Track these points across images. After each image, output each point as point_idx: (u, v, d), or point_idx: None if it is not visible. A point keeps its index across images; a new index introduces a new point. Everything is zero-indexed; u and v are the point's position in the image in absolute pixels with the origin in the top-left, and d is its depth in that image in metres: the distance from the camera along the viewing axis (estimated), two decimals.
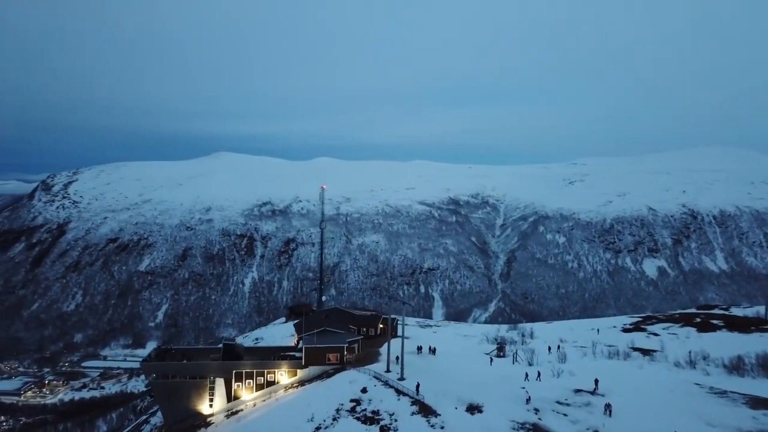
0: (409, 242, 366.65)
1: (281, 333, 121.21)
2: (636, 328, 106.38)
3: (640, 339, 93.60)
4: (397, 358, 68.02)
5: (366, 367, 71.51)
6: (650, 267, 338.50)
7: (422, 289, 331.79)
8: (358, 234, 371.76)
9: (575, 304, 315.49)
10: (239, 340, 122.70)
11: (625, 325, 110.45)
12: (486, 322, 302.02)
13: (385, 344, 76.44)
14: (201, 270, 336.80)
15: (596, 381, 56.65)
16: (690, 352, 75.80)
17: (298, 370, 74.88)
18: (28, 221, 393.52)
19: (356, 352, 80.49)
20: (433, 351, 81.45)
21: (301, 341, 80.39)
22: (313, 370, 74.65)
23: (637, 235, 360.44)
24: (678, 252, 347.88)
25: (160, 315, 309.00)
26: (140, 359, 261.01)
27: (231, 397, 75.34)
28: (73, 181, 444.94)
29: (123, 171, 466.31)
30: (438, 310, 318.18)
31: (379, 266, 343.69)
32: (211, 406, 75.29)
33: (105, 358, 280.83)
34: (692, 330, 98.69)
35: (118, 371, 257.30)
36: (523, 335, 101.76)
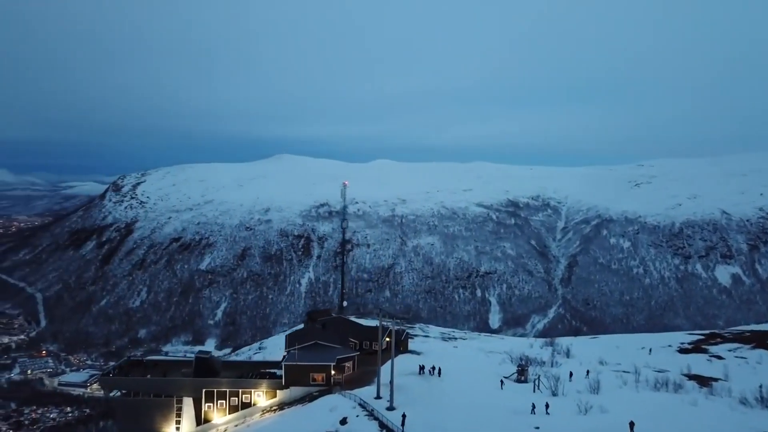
0: (466, 245, 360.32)
1: None
2: (695, 348, 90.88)
3: (698, 363, 78.09)
4: (392, 382, 58.05)
5: (355, 390, 61.72)
6: (723, 274, 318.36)
7: (479, 293, 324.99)
8: (413, 236, 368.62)
9: (640, 312, 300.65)
10: (255, 347, 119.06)
11: (682, 344, 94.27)
12: (545, 328, 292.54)
13: (390, 361, 65.35)
14: (259, 270, 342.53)
15: (631, 424, 44.37)
16: (761, 386, 58.48)
17: (278, 391, 65.14)
18: (99, 220, 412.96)
19: (352, 370, 69.94)
20: (438, 372, 70.07)
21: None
22: (296, 391, 64.88)
23: (708, 240, 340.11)
24: (754, 258, 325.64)
25: (219, 313, 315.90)
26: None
27: (201, 419, 65.58)
28: (141, 182, 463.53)
29: (187, 172, 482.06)
30: (495, 316, 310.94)
31: (434, 269, 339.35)
32: (177, 429, 65.40)
33: (166, 354, 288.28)
34: (766, 354, 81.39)
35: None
36: (555, 353, 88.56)
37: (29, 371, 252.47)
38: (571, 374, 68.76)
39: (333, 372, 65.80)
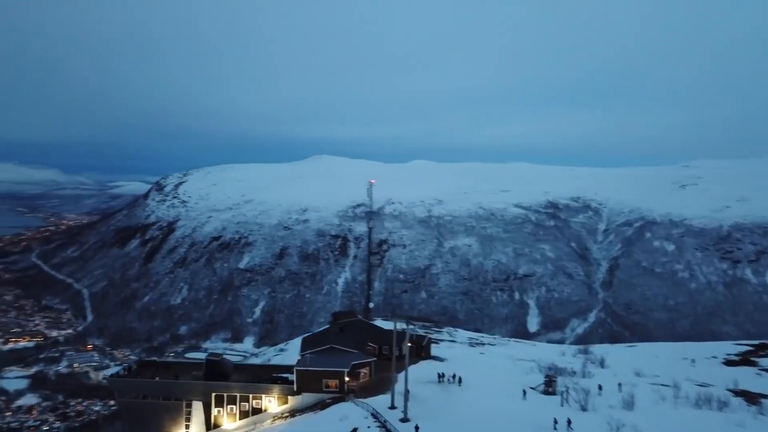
0: (504, 246, 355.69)
1: None
2: (743, 360, 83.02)
3: (747, 377, 71.47)
4: (408, 391, 54.85)
5: (370, 399, 58.70)
6: None
7: (517, 296, 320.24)
8: (449, 237, 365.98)
9: (686, 317, 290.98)
10: (276, 348, 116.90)
11: (729, 355, 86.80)
12: (584, 332, 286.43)
13: (412, 367, 62.07)
14: (297, 269, 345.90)
15: None
16: None
17: (289, 397, 62.38)
18: (143, 219, 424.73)
19: (369, 377, 66.29)
20: (458, 380, 65.94)
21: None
22: (308, 398, 61.91)
23: (759, 244, 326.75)
24: None
25: (257, 311, 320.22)
26: (240, 353, 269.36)
27: (210, 424, 63.40)
28: (183, 182, 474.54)
29: (228, 173, 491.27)
30: (533, 319, 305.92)
31: (471, 270, 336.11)
32: None
33: (206, 351, 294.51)
34: None
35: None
36: (589, 363, 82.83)
37: (76, 364, 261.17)
38: (600, 387, 63.64)
39: (347, 379, 62.43)
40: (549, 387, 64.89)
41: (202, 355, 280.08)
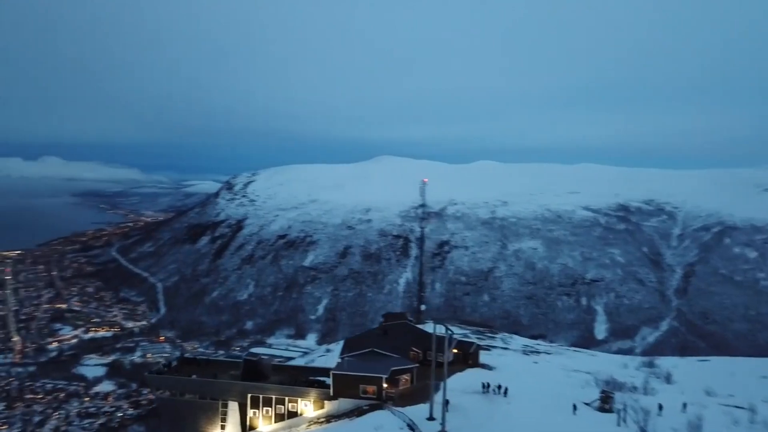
0: (571, 250, 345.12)
1: None
2: None
3: None
4: (447, 401, 51.02)
5: (408, 408, 55.58)
6: None
7: (584, 301, 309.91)
8: (514, 239, 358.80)
9: None
10: (323, 348, 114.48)
11: None
12: (656, 341, 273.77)
13: (456, 376, 59.71)
14: (359, 268, 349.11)
15: None
16: None
17: (326, 402, 59.70)
18: (213, 217, 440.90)
19: (410, 384, 62.46)
20: (504, 392, 61.43)
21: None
22: (344, 403, 58.83)
23: None
24: None
25: (320, 309, 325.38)
26: (301, 350, 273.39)
27: (246, 426, 61.44)
28: (252, 181, 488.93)
29: (294, 173, 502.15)
30: (601, 326, 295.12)
31: (535, 274, 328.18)
32: None
33: (270, 346, 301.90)
34: None
35: (279, 359, 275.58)
36: (653, 377, 75.59)
37: (149, 355, 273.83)
38: (660, 407, 56.59)
39: (385, 385, 58.77)
40: (605, 403, 59.37)
41: (266, 351, 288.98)
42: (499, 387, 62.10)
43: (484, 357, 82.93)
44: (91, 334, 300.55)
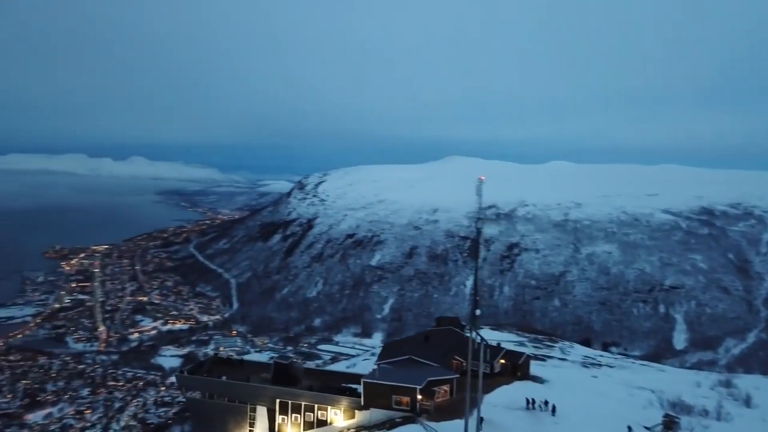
0: (648, 255, 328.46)
1: None
2: None
3: None
4: (482, 419, 46.59)
5: (442, 423, 51.38)
6: None
7: (662, 309, 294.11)
8: (587, 242, 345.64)
9: None
10: (368, 352, 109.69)
11: None
12: (742, 354, 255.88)
13: (502, 389, 54.98)
14: (425, 268, 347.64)
15: None
16: None
17: (356, 412, 55.75)
18: (285, 216, 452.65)
19: (449, 396, 57.62)
20: (551, 409, 55.70)
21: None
22: (376, 414, 54.67)
23: None
24: None
25: (386, 308, 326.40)
26: (367, 348, 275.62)
27: None
28: (323, 181, 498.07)
29: (363, 173, 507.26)
30: (680, 335, 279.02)
31: (610, 279, 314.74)
32: None
33: (337, 344, 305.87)
34: None
35: (345, 357, 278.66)
36: (729, 400, 65.25)
37: (221, 348, 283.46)
38: None
39: (419, 396, 54.19)
40: (668, 429, 51.73)
41: (332, 348, 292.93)
42: (546, 403, 56.88)
43: (536, 369, 77.11)
44: (168, 327, 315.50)
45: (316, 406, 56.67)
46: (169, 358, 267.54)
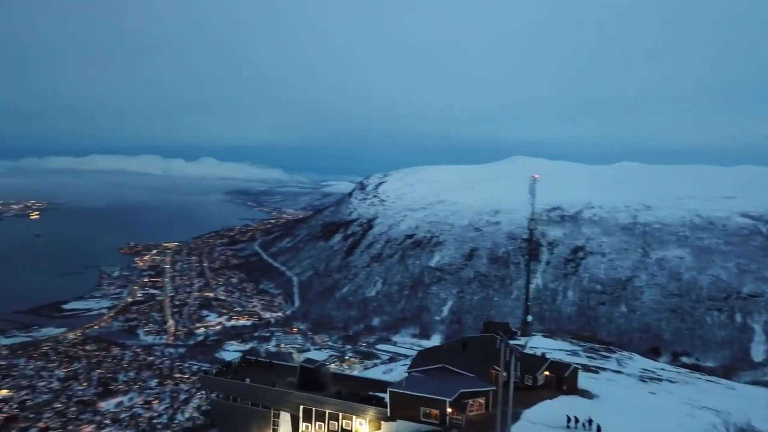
0: (724, 261, 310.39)
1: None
2: None
3: None
4: None
5: None
6: None
7: (738, 318, 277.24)
8: (657, 247, 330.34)
9: None
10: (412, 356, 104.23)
11: None
12: None
13: (544, 404, 50.54)
14: (486, 271, 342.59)
15: None
16: None
17: (382, 423, 52.10)
18: (346, 216, 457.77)
19: (484, 409, 53.19)
20: (595, 429, 50.12)
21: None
22: (403, 426, 51.12)
23: None
24: None
25: (445, 310, 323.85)
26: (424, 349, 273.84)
27: None
28: (383, 182, 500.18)
29: (423, 174, 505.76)
30: (758, 347, 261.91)
31: (681, 286, 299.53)
32: None
33: (395, 344, 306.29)
34: None
35: (402, 357, 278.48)
36: None
37: (282, 345, 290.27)
38: None
39: (450, 409, 49.86)
40: None
41: (390, 348, 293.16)
42: (590, 422, 50.99)
43: (586, 382, 70.21)
44: (233, 322, 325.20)
45: (340, 414, 53.54)
46: (232, 353, 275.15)
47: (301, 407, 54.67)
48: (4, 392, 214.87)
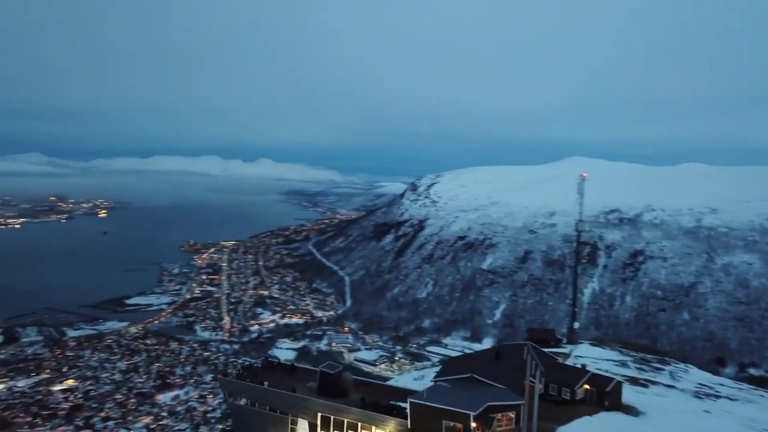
0: None
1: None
2: None
3: None
4: None
5: None
6: None
7: None
8: (723, 252, 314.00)
9: None
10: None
11: None
12: None
13: (582, 420, 45.73)
14: (540, 274, 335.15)
15: None
16: None
17: None
18: (397, 217, 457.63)
19: (513, 425, 47.72)
20: None
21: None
22: None
23: None
24: None
25: (498, 314, 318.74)
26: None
27: None
28: (435, 183, 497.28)
29: (477, 174, 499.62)
30: None
31: (749, 293, 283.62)
32: None
33: (446, 347, 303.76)
34: None
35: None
36: None
37: (333, 344, 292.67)
38: None
39: (474, 424, 45.20)
40: None
41: (441, 351, 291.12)
42: None
43: (633, 396, 63.29)
44: (286, 320, 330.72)
45: (359, 424, 50.14)
46: (285, 350, 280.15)
47: (319, 415, 51.96)
48: (71, 382, 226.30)
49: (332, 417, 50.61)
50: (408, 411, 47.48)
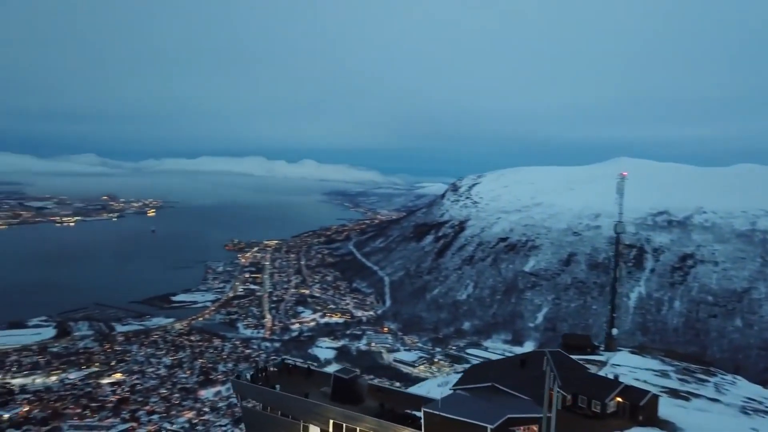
0: None
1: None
2: None
3: None
4: None
5: None
6: None
7: None
8: None
9: None
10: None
11: None
12: None
13: None
14: (584, 277, 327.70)
15: None
16: None
17: None
18: (438, 217, 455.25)
19: None
20: None
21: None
22: None
23: None
24: None
25: (540, 317, 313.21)
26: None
27: None
28: (477, 183, 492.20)
29: (519, 175, 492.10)
30: None
31: None
32: None
33: (486, 349, 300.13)
34: None
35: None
36: None
37: (372, 344, 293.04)
38: None
39: None
40: None
41: (481, 354, 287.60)
42: None
43: (672, 410, 57.67)
44: (326, 319, 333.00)
45: None
46: (325, 349, 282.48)
47: (331, 422, 49.19)
48: (118, 375, 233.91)
49: (344, 425, 47.95)
50: (422, 420, 44.02)
